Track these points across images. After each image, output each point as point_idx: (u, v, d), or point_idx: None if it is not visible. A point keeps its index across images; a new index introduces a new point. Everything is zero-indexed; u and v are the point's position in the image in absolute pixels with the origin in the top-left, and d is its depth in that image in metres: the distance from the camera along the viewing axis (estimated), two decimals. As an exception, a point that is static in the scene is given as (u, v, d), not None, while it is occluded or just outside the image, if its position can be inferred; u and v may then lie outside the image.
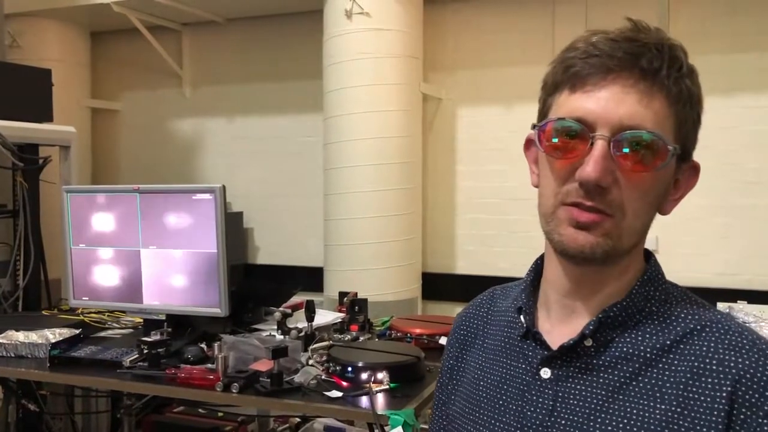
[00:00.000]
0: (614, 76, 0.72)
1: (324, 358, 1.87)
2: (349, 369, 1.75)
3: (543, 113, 0.80)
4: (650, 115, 0.72)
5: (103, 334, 2.29)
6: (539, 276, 0.86)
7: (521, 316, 0.84)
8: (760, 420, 0.68)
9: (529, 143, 0.83)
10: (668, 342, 0.74)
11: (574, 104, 0.74)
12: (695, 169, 0.80)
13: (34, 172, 2.86)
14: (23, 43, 4.25)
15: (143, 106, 4.76)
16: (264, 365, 1.77)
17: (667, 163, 0.73)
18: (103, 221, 2.21)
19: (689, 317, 0.76)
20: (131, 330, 2.34)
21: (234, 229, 4.23)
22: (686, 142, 0.76)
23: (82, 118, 4.53)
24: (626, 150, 0.72)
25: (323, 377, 1.77)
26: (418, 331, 2.13)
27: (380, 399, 1.64)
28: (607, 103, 0.72)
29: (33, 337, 2.07)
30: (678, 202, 0.80)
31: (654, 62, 0.72)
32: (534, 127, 0.79)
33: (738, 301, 3.17)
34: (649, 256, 0.82)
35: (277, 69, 4.35)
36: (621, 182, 0.73)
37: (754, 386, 0.69)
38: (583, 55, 0.74)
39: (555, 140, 0.75)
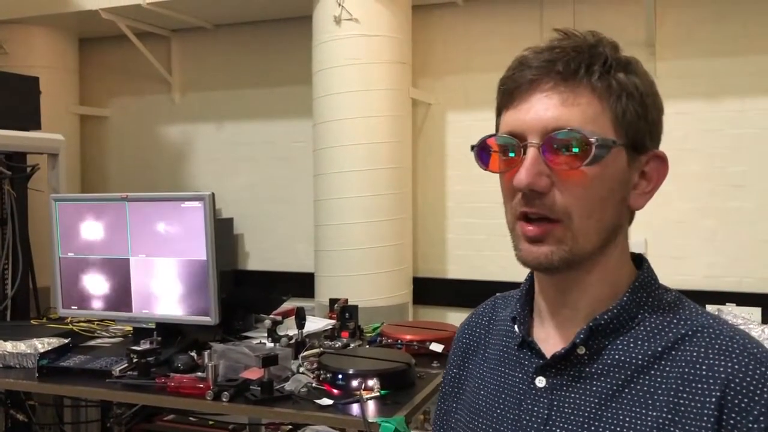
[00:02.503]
0: (536, 84, 0.75)
1: (315, 365, 1.86)
2: (340, 376, 1.75)
3: None
4: (576, 114, 0.73)
5: (92, 343, 2.28)
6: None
7: (515, 326, 0.85)
8: (750, 425, 0.67)
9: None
10: (660, 349, 0.74)
11: (507, 120, 0.78)
12: (661, 158, 0.79)
13: (22, 180, 2.85)
14: (10, 50, 4.23)
15: (132, 112, 4.74)
16: (254, 373, 1.76)
17: (595, 155, 0.72)
18: (91, 230, 2.20)
19: (681, 323, 0.76)
20: (121, 339, 2.33)
21: (224, 236, 4.21)
22: (632, 133, 0.75)
23: (71, 125, 4.50)
24: (554, 151, 0.73)
25: (314, 385, 1.77)
26: (408, 337, 2.13)
27: (371, 406, 1.64)
28: (533, 111, 0.74)
29: (21, 347, 2.05)
30: (651, 194, 0.79)
31: (571, 64, 0.74)
32: (473, 148, 0.82)
33: (726, 304, 3.19)
34: (642, 261, 0.82)
35: (266, 75, 4.35)
36: (560, 185, 0.74)
37: (743, 391, 0.68)
38: (511, 72, 0.78)
39: (495, 157, 0.78)
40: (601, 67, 0.74)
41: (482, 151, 0.80)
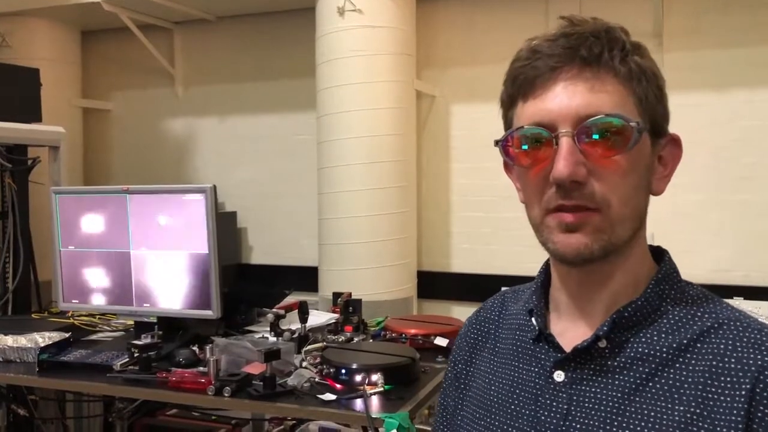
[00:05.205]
0: (558, 72, 0.72)
1: (318, 360, 1.84)
2: (343, 371, 1.73)
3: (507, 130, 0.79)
4: (605, 98, 0.72)
5: (93, 337, 2.27)
6: (550, 277, 0.84)
7: (533, 319, 0.82)
8: None
9: (507, 163, 0.82)
10: (685, 341, 0.73)
11: (530, 111, 0.74)
12: (675, 141, 0.79)
13: (22, 173, 2.83)
14: (13, 43, 4.21)
15: (135, 105, 4.72)
16: (256, 368, 1.74)
17: (635, 140, 0.72)
18: (92, 223, 2.18)
19: (706, 315, 0.74)
20: (122, 333, 2.32)
21: (228, 229, 4.20)
22: (653, 116, 0.75)
23: (73, 118, 4.48)
24: (591, 138, 0.71)
25: (317, 380, 1.75)
26: (412, 331, 2.11)
27: (374, 401, 1.62)
28: (560, 100, 0.72)
29: (22, 341, 2.04)
30: (669, 178, 0.79)
31: (594, 48, 0.72)
32: (497, 143, 0.78)
33: (734, 298, 3.16)
34: (662, 253, 0.81)
35: (270, 67, 4.32)
36: (596, 173, 0.72)
37: None
38: (526, 62, 0.75)
39: (522, 151, 0.75)
40: (620, 52, 0.73)
41: (508, 146, 0.77)
